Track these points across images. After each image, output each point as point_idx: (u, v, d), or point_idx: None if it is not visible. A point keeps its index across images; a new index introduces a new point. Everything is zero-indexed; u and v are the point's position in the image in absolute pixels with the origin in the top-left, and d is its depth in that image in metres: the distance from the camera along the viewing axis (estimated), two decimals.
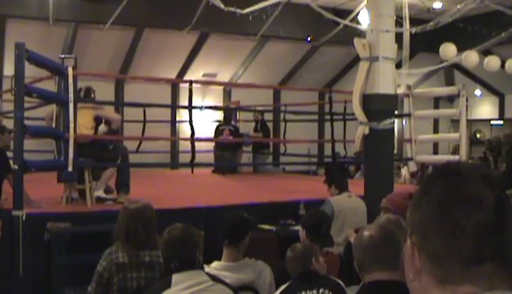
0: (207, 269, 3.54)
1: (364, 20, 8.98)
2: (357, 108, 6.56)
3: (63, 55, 7.68)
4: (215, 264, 3.80)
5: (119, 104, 12.90)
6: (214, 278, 3.20)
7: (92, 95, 6.91)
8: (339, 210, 5.75)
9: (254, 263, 3.86)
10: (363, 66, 6.55)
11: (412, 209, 1.06)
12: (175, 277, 3.08)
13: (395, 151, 7.98)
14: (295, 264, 3.44)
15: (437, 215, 1.01)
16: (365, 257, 2.42)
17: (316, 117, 13.75)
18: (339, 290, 3.24)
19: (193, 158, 7.57)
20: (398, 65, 8.17)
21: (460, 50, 10.98)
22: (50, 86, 6.99)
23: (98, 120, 6.77)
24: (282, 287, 3.35)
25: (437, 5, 11.79)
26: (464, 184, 1.01)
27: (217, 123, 11.58)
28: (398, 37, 7.57)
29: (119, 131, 8.24)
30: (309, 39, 13.99)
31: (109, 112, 7.49)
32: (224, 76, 14.95)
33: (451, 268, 0.99)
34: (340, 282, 3.39)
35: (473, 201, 0.99)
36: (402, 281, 2.51)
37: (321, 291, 3.19)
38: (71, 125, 6.07)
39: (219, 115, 12.80)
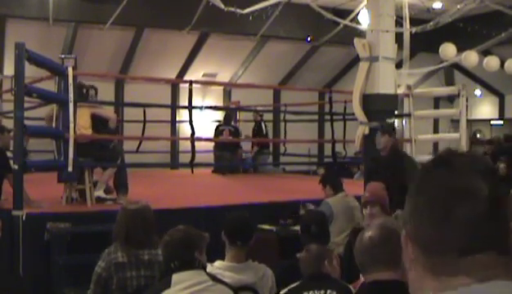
0: (209, 268, 3.54)
1: (364, 20, 8.98)
2: (357, 108, 6.57)
3: (63, 55, 7.68)
4: (218, 263, 3.79)
5: (119, 104, 12.91)
6: (214, 278, 3.20)
7: (84, 91, 6.86)
8: (338, 210, 5.76)
9: (257, 266, 3.85)
10: (363, 66, 6.56)
11: (407, 199, 1.06)
12: (175, 277, 3.09)
13: None
14: (307, 265, 3.45)
15: (429, 206, 1.01)
16: (365, 258, 2.43)
17: (316, 117, 13.75)
18: (347, 293, 3.24)
19: (193, 158, 7.57)
20: (398, 65, 8.17)
21: (460, 50, 10.99)
22: (50, 86, 6.99)
23: (95, 118, 6.75)
24: (291, 286, 3.36)
25: (437, 5, 11.80)
26: (457, 175, 1.00)
27: (217, 123, 11.59)
28: (398, 37, 7.58)
29: (118, 130, 8.24)
30: (309, 39, 13.99)
31: (106, 110, 7.48)
32: (224, 76, 14.95)
33: (443, 259, 0.99)
34: (350, 286, 3.40)
35: (464, 192, 0.98)
36: (402, 280, 2.52)
37: (328, 291, 3.19)
38: (71, 125, 6.07)
39: (219, 115, 12.80)
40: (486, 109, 17.99)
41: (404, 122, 9.73)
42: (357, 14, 10.54)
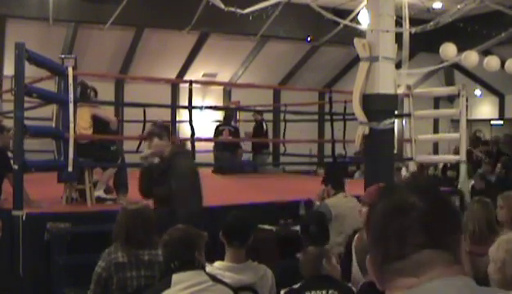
0: (209, 268, 3.54)
1: (364, 20, 8.98)
2: (357, 108, 6.56)
3: (63, 55, 7.69)
4: (218, 264, 3.79)
5: (119, 104, 12.91)
6: (214, 278, 3.20)
7: (88, 91, 6.86)
8: (336, 211, 5.75)
9: (257, 266, 3.85)
10: (363, 66, 6.55)
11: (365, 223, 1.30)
12: (175, 277, 3.09)
13: (395, 151, 7.98)
14: (307, 266, 3.47)
15: (372, 224, 1.20)
16: (365, 258, 2.44)
17: (316, 117, 13.74)
18: (348, 292, 3.25)
19: (193, 158, 7.57)
20: (398, 65, 8.16)
21: (460, 50, 10.98)
22: (50, 86, 6.98)
23: (96, 119, 6.74)
24: (293, 286, 3.37)
25: (437, 5, 11.80)
26: (391, 196, 1.20)
27: (217, 123, 11.58)
28: (398, 37, 7.57)
29: (118, 131, 8.23)
30: (309, 39, 13.99)
31: (106, 112, 7.47)
32: (224, 76, 14.95)
33: (384, 267, 1.15)
34: (352, 286, 3.40)
35: (395, 208, 1.17)
36: None
37: (330, 291, 3.19)
38: (71, 125, 6.07)
39: (219, 115, 12.79)
40: (486, 109, 17.99)
41: (404, 122, 9.73)
42: (357, 14, 10.54)
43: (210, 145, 11.23)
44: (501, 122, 17.94)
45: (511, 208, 4.64)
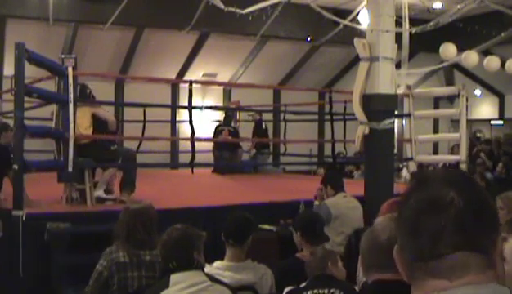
0: (208, 268, 3.54)
1: (364, 20, 8.98)
2: (356, 108, 6.56)
3: (63, 55, 7.69)
4: (217, 263, 3.80)
5: (119, 104, 12.92)
6: (213, 279, 3.21)
7: (88, 91, 6.86)
8: (336, 211, 5.75)
9: (257, 266, 3.86)
10: (363, 66, 6.55)
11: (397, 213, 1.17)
12: (173, 277, 3.09)
13: (395, 151, 7.98)
14: (312, 267, 3.48)
15: (405, 218, 1.11)
16: (370, 258, 2.43)
17: (316, 117, 13.74)
18: (351, 292, 3.25)
19: (193, 158, 7.57)
20: (398, 65, 8.17)
21: (460, 50, 10.99)
22: (50, 86, 6.98)
23: (96, 118, 6.74)
24: (298, 286, 3.39)
25: (437, 5, 11.80)
26: (427, 188, 1.10)
27: (217, 124, 11.59)
28: (398, 38, 7.57)
29: (117, 132, 8.22)
30: (309, 39, 13.99)
31: (105, 112, 7.46)
32: (224, 76, 14.95)
33: (414, 265, 1.08)
34: (355, 286, 3.40)
35: (431, 203, 1.07)
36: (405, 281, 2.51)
37: (332, 291, 3.20)
38: (71, 125, 6.06)
39: (219, 115, 12.80)
40: (486, 109, 17.99)
41: (404, 122, 9.73)
42: (357, 14, 10.53)
43: (210, 145, 11.24)
44: (501, 122, 17.94)
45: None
